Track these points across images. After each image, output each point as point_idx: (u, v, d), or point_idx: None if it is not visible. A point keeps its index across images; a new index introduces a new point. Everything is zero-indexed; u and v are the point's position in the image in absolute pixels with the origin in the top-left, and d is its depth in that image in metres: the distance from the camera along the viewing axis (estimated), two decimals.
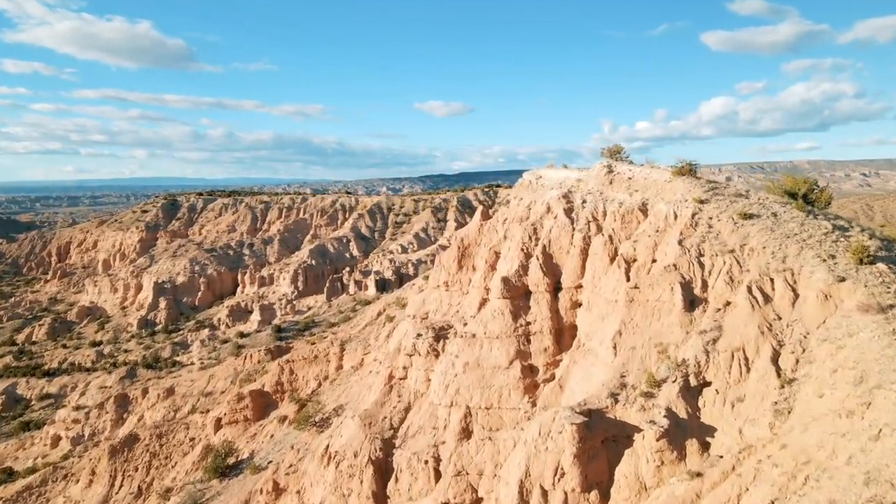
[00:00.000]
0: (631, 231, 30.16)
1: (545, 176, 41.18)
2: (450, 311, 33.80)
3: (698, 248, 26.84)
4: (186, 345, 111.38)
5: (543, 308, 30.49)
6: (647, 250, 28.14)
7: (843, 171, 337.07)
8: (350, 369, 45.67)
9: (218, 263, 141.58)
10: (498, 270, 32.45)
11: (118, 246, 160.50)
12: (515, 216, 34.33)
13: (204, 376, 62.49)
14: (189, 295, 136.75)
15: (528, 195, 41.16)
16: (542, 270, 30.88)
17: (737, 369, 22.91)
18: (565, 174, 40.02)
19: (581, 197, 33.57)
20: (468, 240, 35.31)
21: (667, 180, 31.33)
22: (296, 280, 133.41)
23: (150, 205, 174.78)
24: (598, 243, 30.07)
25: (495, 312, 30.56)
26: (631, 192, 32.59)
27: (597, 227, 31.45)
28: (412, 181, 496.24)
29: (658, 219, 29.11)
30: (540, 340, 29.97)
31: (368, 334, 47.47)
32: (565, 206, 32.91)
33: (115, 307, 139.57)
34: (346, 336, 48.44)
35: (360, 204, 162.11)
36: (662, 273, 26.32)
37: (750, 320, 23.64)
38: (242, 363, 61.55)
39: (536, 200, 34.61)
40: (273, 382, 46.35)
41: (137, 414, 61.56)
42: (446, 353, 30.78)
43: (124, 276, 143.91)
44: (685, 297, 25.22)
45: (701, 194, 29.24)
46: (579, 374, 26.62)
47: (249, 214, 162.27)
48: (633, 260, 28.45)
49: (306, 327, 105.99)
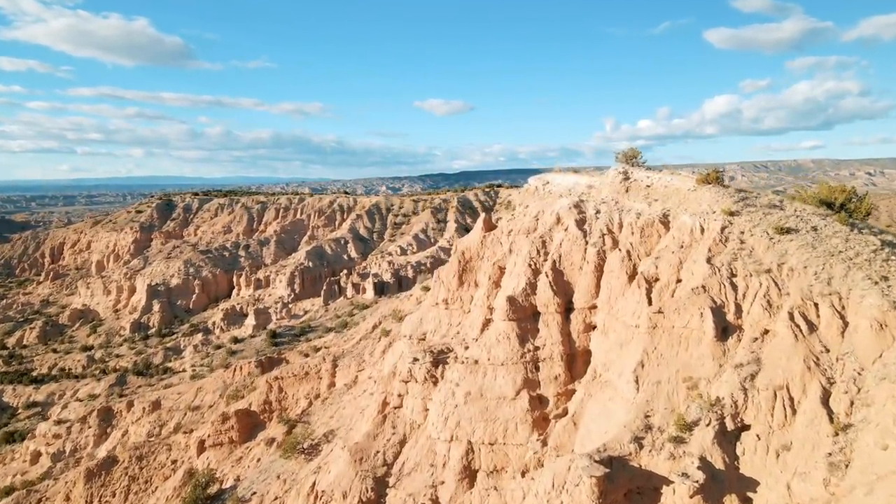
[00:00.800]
0: (651, 246, 27.12)
1: (553, 182, 38.15)
2: (449, 331, 30.78)
3: (730, 266, 23.83)
4: (179, 350, 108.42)
5: (554, 331, 27.47)
6: (671, 269, 25.11)
7: (847, 170, 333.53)
8: (343, 387, 42.68)
9: (213, 265, 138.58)
10: (503, 288, 29.43)
11: (112, 247, 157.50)
12: (522, 227, 31.29)
13: (191, 389, 59.52)
14: (183, 297, 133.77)
15: (535, 203, 38.12)
16: (552, 289, 27.85)
17: (780, 411, 19.92)
18: (575, 180, 36.98)
19: (594, 207, 30.52)
20: (469, 253, 32.28)
21: (691, 189, 28.27)
22: (292, 282, 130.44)
23: (144, 205, 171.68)
24: (615, 259, 27.04)
25: (500, 336, 27.53)
26: (650, 201, 29.54)
27: (612, 240, 28.40)
28: (412, 180, 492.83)
29: (682, 233, 26.07)
30: (550, 367, 26.95)
31: (363, 349, 44.49)
32: (577, 217, 29.86)
33: (108, 310, 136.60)
34: (338, 351, 45.53)
35: (358, 204, 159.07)
36: (690, 296, 23.31)
37: (793, 353, 20.64)
38: (232, 375, 58.56)
39: (545, 210, 31.56)
40: (261, 401, 43.36)
41: (122, 429, 58.61)
42: (446, 381, 27.77)
43: (117, 278, 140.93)
44: (717, 324, 22.21)
45: (730, 205, 26.20)
46: (596, 410, 23.60)
47: (246, 215, 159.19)
48: (655, 279, 25.42)
49: (302, 332, 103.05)
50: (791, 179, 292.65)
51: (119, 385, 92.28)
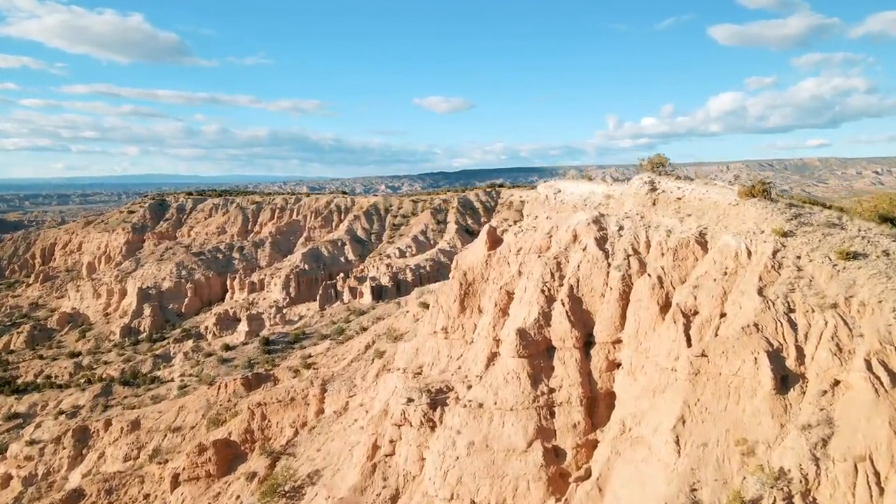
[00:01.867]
0: (686, 271, 23.12)
1: (565, 190, 34.11)
2: (450, 366, 26.82)
3: (786, 300, 19.84)
4: (169, 358, 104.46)
5: (571, 370, 23.48)
6: (714, 300, 21.13)
7: (854, 169, 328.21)
8: (332, 415, 38.73)
9: (206, 268, 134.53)
10: (511, 317, 25.44)
11: (103, 248, 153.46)
12: (533, 245, 27.28)
13: (173, 408, 55.55)
14: (175, 301, 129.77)
15: (545, 213, 34.09)
16: (570, 320, 23.86)
17: (864, 489, 15.97)
18: (590, 188, 32.96)
19: (616, 222, 26.49)
20: (473, 274, 28.28)
21: (731, 203, 24.22)
22: (287, 286, 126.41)
23: (137, 205, 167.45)
24: (644, 286, 23.03)
25: (509, 375, 23.54)
26: (681, 216, 25.51)
27: (639, 263, 24.39)
28: (412, 179, 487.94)
29: (725, 256, 22.06)
30: (567, 413, 22.97)
31: (354, 372, 40.55)
32: (597, 235, 25.84)
33: (98, 314, 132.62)
34: (328, 373, 41.59)
35: (356, 205, 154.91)
36: (739, 336, 19.33)
37: (874, 412, 16.66)
38: (216, 393, 54.59)
39: (559, 226, 27.54)
40: (242, 429, 39.41)
41: (98, 450, 54.68)
42: (445, 427, 23.80)
43: (108, 280, 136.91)
44: (775, 373, 18.24)
45: (782, 224, 22.18)
46: (626, 474, 19.63)
47: (240, 215, 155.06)
48: (694, 312, 21.44)
49: (296, 339, 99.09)
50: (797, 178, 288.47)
51: (104, 395, 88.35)
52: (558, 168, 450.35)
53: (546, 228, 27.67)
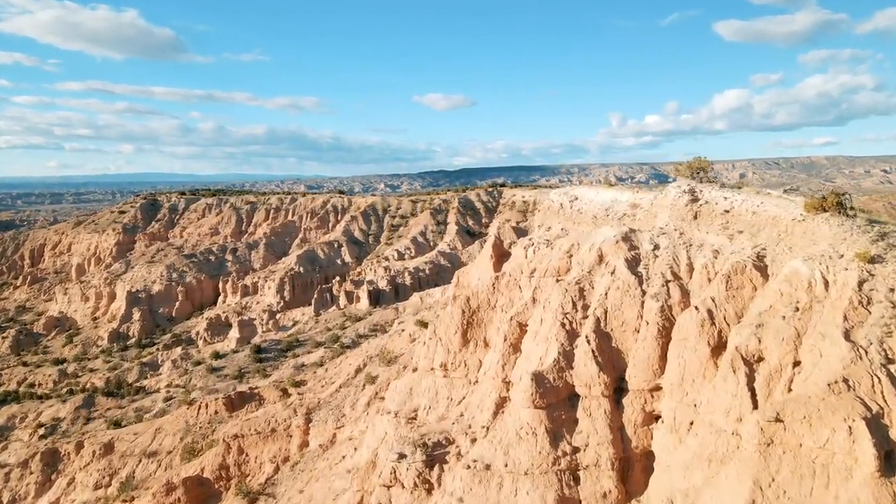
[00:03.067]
0: (743, 303, 18.72)
1: (583, 197, 29.68)
2: (450, 411, 22.44)
3: (882, 347, 15.46)
4: (156, 366, 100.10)
5: (600, 423, 19.10)
6: (784, 345, 16.74)
7: (862, 168, 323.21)
8: (317, 449, 34.39)
9: (198, 270, 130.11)
10: (524, 354, 21.06)
11: (93, 249, 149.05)
12: (549, 266, 22.86)
13: (149, 430, 51.21)
14: (166, 305, 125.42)
15: (559, 224, 29.67)
16: (597, 361, 19.47)
17: None
18: (612, 196, 28.51)
19: (650, 239, 22.07)
20: (477, 300, 23.85)
21: (796, 218, 19.78)
22: (282, 289, 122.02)
23: (128, 205, 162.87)
24: (690, 322, 18.62)
25: (522, 430, 19.16)
26: (730, 234, 21.08)
27: (681, 291, 19.97)
28: (411, 178, 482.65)
29: (795, 287, 17.65)
30: (595, 479, 18.58)
31: (343, 400, 36.21)
32: (628, 255, 21.43)
33: (86, 318, 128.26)
34: (313, 400, 37.30)
35: (353, 205, 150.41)
36: (825, 396, 14.94)
37: None
38: (196, 414, 50.25)
39: (580, 244, 23.11)
40: (216, 465, 35.07)
41: (68, 476, 50.39)
42: (444, 492, 19.44)
43: (97, 283, 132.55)
44: (878, 448, 13.84)
45: (866, 246, 17.76)
46: None
47: (234, 216, 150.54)
48: (758, 358, 17.06)
49: (289, 347, 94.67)
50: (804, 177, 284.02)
51: (86, 407, 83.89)
52: (560, 167, 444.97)
53: (565, 246, 23.23)
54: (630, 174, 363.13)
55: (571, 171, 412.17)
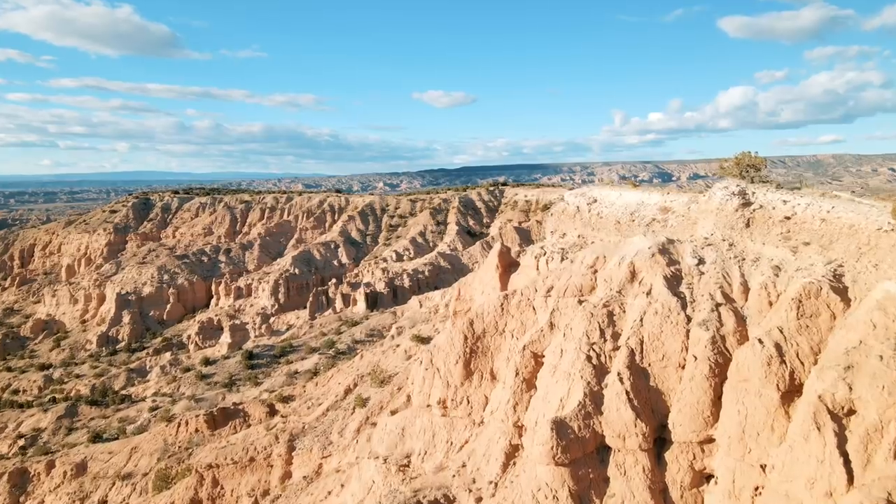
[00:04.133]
0: (820, 336, 14.86)
1: (603, 200, 25.82)
2: (450, 458, 18.61)
3: None
4: (144, 372, 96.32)
5: (637, 485, 15.25)
6: (885, 394, 12.92)
7: (870, 166, 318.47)
8: (301, 481, 30.57)
9: (190, 272, 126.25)
10: (541, 392, 17.21)
11: (83, 250, 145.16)
12: (569, 284, 18.98)
13: (125, 448, 47.40)
14: (156, 308, 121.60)
15: (575, 229, 25.86)
16: (632, 404, 15.63)
17: None
18: (638, 198, 24.67)
19: (693, 252, 18.20)
20: (483, 322, 19.98)
21: (883, 228, 15.91)
22: (276, 292, 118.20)
23: (120, 204, 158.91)
24: (751, 359, 14.76)
25: (540, 493, 15.32)
26: (793, 245, 17.21)
27: (735, 317, 16.10)
28: (411, 176, 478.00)
29: (893, 319, 13.82)
30: None
31: (330, 425, 32.39)
32: (666, 272, 17.56)
33: (75, 321, 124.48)
34: (297, 425, 33.48)
35: (350, 204, 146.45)
36: None
37: None
38: (175, 432, 46.44)
39: (606, 256, 19.23)
40: (188, 499, 31.25)
41: (37, 498, 46.60)
42: None
43: (86, 285, 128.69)
44: None
45: None
46: None
47: (228, 215, 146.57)
48: (849, 411, 13.24)
49: (282, 353, 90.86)
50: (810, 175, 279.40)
51: (69, 416, 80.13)
52: (562, 165, 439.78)
53: (588, 259, 19.35)
54: (633, 172, 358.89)
55: (574, 169, 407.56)
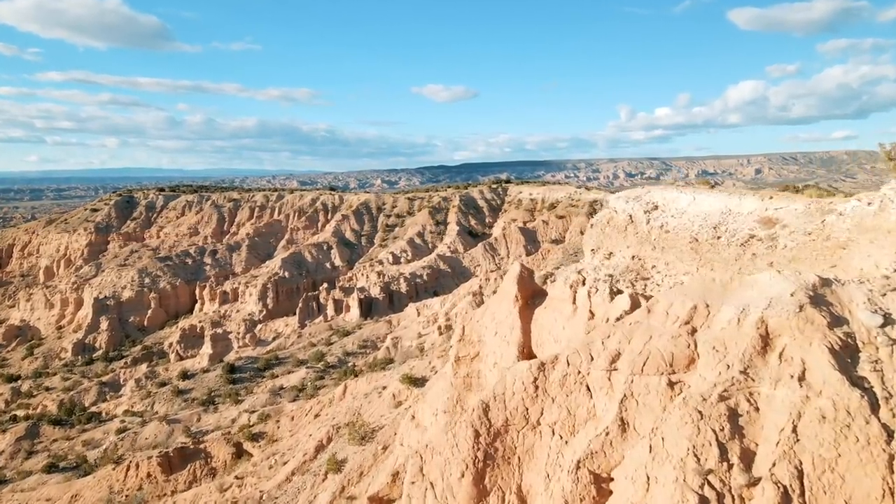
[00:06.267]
0: None
1: (668, 206, 18.32)
2: None
3: None
4: (117, 386, 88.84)
5: None
6: None
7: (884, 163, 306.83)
8: None
9: (173, 275, 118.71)
10: None
11: (63, 251, 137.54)
12: (651, 352, 11.40)
13: (65, 495, 39.95)
14: (137, 313, 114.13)
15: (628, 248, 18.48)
16: None
17: None
18: (721, 203, 17.24)
19: (869, 302, 10.62)
20: (503, 410, 12.35)
21: None
22: (264, 296, 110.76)
23: (102, 202, 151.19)
24: None
25: None
26: None
27: None
28: (410, 173, 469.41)
29: None
30: None
31: (294, 496, 24.93)
32: (831, 340, 9.96)
33: (51, 327, 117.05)
34: (254, 494, 26.04)
35: (344, 203, 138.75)
36: None
37: None
38: (123, 477, 38.97)
39: (709, 304, 11.66)
40: None
41: None
42: None
43: (63, 288, 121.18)
44: None
45: None
46: None
47: (215, 214, 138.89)
48: None
49: (267, 366, 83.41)
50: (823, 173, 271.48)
51: (29, 438, 72.58)
52: (567, 161, 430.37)
53: (678, 310, 11.73)
54: (640, 169, 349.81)
55: (578, 166, 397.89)
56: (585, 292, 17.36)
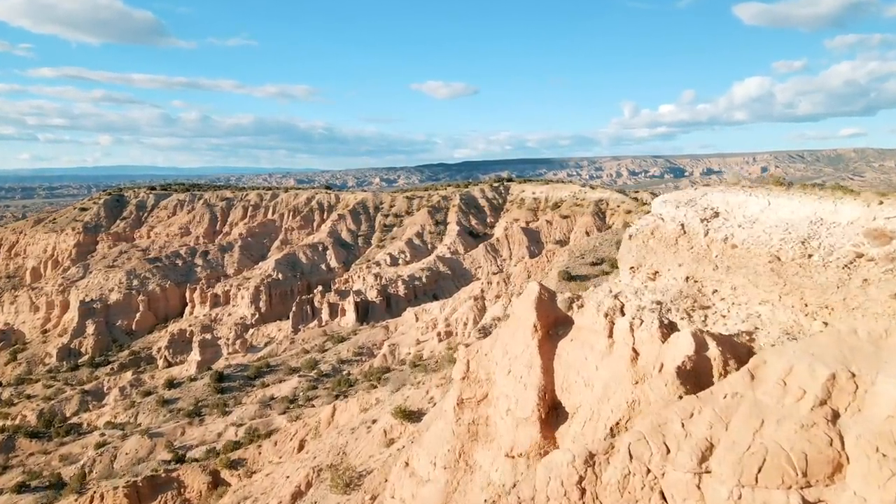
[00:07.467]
0: None
1: (734, 213, 14.23)
2: None
3: None
4: (101, 394, 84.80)
5: None
6: None
7: (893, 161, 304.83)
8: None
9: (162, 277, 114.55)
10: None
11: (50, 251, 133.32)
12: (768, 449, 7.41)
13: None
14: (125, 317, 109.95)
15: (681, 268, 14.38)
16: None
17: None
18: (809, 211, 13.17)
19: None
20: None
21: None
22: (257, 299, 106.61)
23: (91, 201, 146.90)
24: None
25: None
26: None
27: None
28: (409, 171, 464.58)
29: None
30: None
31: None
32: None
33: (35, 330, 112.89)
34: None
35: (341, 202, 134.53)
36: None
37: None
38: None
39: (857, 374, 7.64)
40: None
41: None
42: None
43: (49, 290, 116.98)
44: None
45: None
46: None
47: (208, 214, 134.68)
48: None
49: (258, 374, 79.31)
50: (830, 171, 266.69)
51: (5, 452, 68.60)
52: (569, 159, 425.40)
53: (807, 381, 7.65)
54: (643, 168, 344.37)
55: (580, 164, 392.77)
56: (626, 324, 13.30)
